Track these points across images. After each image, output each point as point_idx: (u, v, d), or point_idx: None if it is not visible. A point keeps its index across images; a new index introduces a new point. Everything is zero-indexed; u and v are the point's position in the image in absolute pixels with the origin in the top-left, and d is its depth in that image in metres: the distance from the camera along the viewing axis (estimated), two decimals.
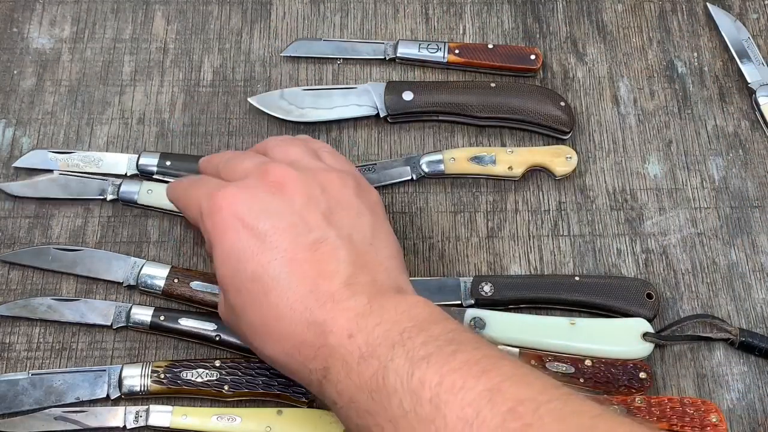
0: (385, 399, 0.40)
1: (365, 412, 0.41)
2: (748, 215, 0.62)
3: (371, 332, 0.42)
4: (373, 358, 0.41)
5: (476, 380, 0.38)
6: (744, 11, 0.70)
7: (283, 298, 0.44)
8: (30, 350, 0.56)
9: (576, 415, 0.38)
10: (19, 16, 0.68)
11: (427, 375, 0.39)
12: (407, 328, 0.41)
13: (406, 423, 0.39)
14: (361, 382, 0.41)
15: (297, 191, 0.47)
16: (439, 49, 0.66)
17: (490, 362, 0.40)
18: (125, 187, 0.59)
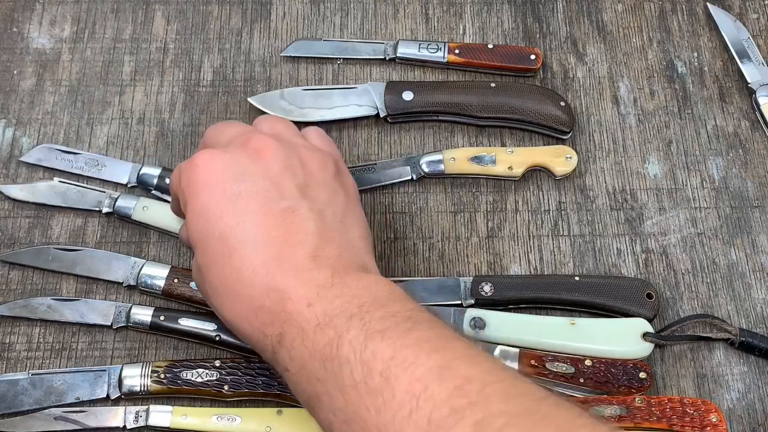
0: (337, 368, 0.40)
1: (315, 379, 0.41)
2: (748, 215, 0.62)
3: (330, 303, 0.42)
4: (330, 328, 0.41)
5: (427, 357, 0.39)
6: (744, 11, 0.70)
7: (246, 261, 0.45)
8: (30, 350, 0.56)
9: (521, 397, 0.38)
10: (19, 16, 0.68)
11: (380, 348, 0.39)
12: (366, 302, 0.42)
13: (355, 393, 0.39)
14: (315, 350, 0.41)
15: (275, 159, 0.48)
16: (439, 49, 0.66)
17: (443, 342, 0.40)
18: (121, 201, 0.59)
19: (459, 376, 0.38)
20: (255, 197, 0.46)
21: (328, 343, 0.41)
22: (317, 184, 0.49)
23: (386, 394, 0.38)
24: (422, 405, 0.37)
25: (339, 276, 0.44)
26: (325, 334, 0.41)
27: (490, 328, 0.55)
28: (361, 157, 0.63)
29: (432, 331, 0.41)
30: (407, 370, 0.38)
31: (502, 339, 0.55)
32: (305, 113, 0.63)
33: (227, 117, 0.65)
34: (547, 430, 0.36)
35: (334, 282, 0.43)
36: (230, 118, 0.65)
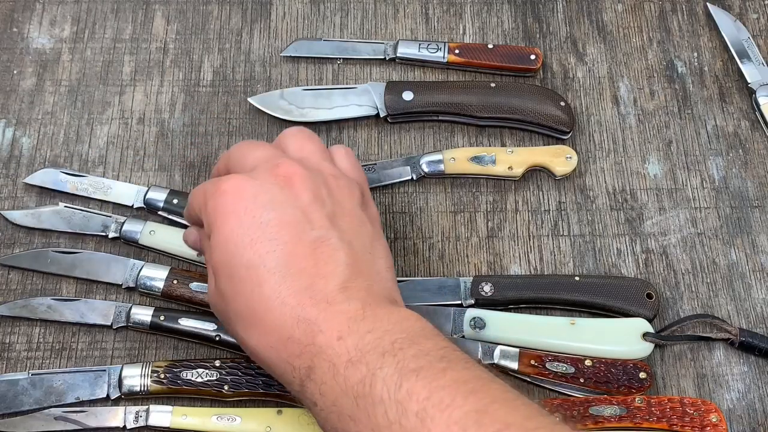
0: (370, 407, 0.39)
1: (348, 417, 0.40)
2: (748, 215, 0.62)
3: (362, 338, 0.41)
4: (362, 364, 0.40)
5: (464, 399, 0.38)
6: (744, 11, 0.70)
7: (276, 290, 0.44)
8: (30, 350, 0.56)
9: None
10: (19, 16, 0.68)
11: (416, 388, 0.38)
12: (399, 339, 0.41)
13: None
14: (347, 387, 0.40)
15: (304, 188, 0.47)
16: (439, 49, 0.66)
17: (479, 383, 0.39)
18: (128, 226, 0.58)
19: (498, 421, 0.37)
20: (285, 226, 0.45)
21: (361, 381, 0.40)
22: (345, 215, 0.48)
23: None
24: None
25: (370, 309, 0.43)
26: (357, 370, 0.40)
27: (490, 328, 0.55)
28: (361, 157, 0.63)
29: (468, 371, 0.40)
30: (444, 412, 0.37)
31: (502, 339, 0.55)
32: (305, 113, 0.63)
33: (227, 117, 0.65)
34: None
35: (365, 315, 0.43)
36: (230, 119, 0.65)
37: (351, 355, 0.41)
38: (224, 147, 0.63)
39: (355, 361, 0.41)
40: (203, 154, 0.63)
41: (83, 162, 0.62)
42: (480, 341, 0.55)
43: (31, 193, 0.61)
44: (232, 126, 0.64)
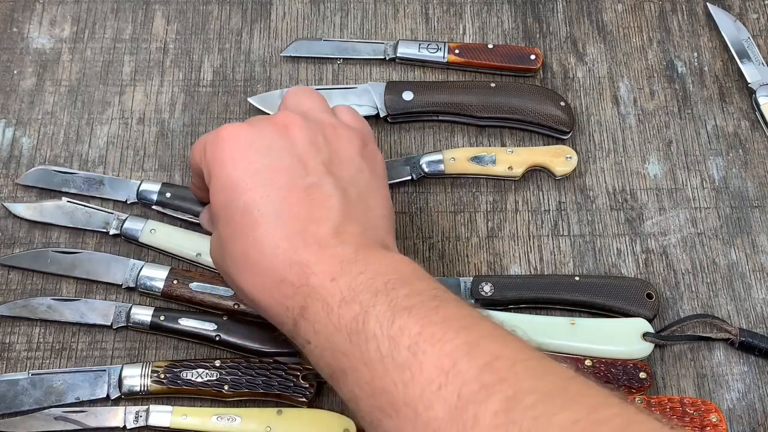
0: (363, 342, 0.40)
1: (341, 353, 0.41)
2: (748, 215, 0.62)
3: (355, 279, 0.42)
4: (355, 303, 0.41)
5: (455, 334, 0.39)
6: (744, 11, 0.70)
7: (270, 234, 0.45)
8: (30, 350, 0.56)
9: (550, 375, 0.38)
10: (19, 16, 0.68)
11: (408, 324, 0.39)
12: (391, 279, 0.42)
13: (382, 367, 0.39)
14: (341, 324, 0.41)
15: (301, 135, 0.48)
16: (439, 49, 0.66)
17: (470, 320, 0.40)
18: (129, 224, 0.59)
19: (488, 353, 0.38)
20: (280, 172, 0.47)
21: (354, 318, 0.41)
22: (341, 161, 0.49)
23: (414, 368, 0.38)
24: (451, 380, 0.37)
25: (362, 252, 0.44)
26: (350, 308, 0.41)
27: None
28: None
29: (459, 310, 0.41)
30: (435, 346, 0.38)
31: None
32: None
33: (227, 117, 0.65)
34: (578, 409, 0.36)
35: (357, 258, 0.44)
36: (230, 119, 0.65)
37: (344, 295, 0.42)
38: None
39: (348, 300, 0.41)
40: None
41: (83, 162, 0.62)
42: None
43: (31, 193, 0.61)
44: None
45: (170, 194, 0.60)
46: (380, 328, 0.40)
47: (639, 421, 0.35)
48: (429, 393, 0.37)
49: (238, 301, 0.55)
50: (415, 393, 0.38)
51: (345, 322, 0.41)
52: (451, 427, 0.36)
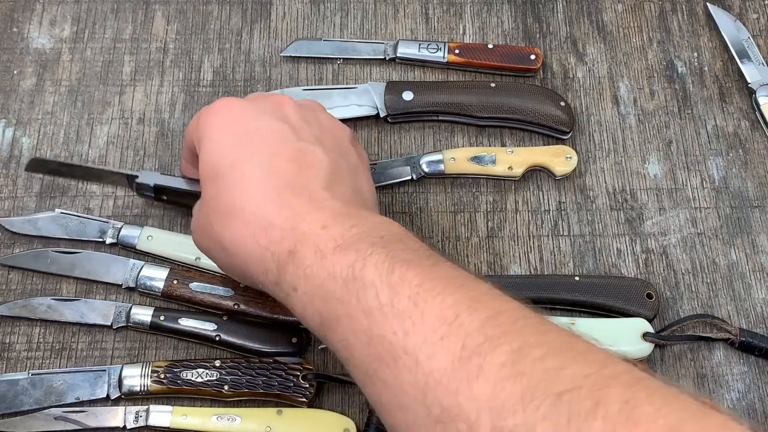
0: (360, 289, 0.39)
1: (335, 300, 0.40)
2: (748, 215, 0.62)
3: (348, 230, 0.42)
4: (351, 250, 0.41)
5: (455, 290, 0.38)
6: (744, 11, 0.70)
7: (259, 184, 0.45)
8: (30, 350, 0.56)
9: (554, 333, 0.38)
10: (19, 16, 0.68)
11: (408, 275, 0.39)
12: (385, 236, 0.42)
13: (381, 315, 0.38)
14: (335, 271, 0.40)
15: (294, 111, 0.49)
16: (439, 49, 0.66)
17: (468, 280, 0.40)
18: (125, 231, 0.58)
19: (490, 308, 0.37)
20: (272, 133, 0.47)
21: (350, 265, 0.40)
22: (332, 140, 0.49)
23: (415, 317, 0.37)
24: (455, 331, 0.36)
25: (354, 209, 0.44)
26: (346, 255, 0.40)
27: None
28: None
29: (455, 270, 0.41)
30: (436, 298, 0.38)
31: None
32: None
33: None
34: (587, 364, 0.35)
35: (349, 213, 0.43)
36: None
37: (338, 242, 0.41)
38: None
39: (343, 247, 0.41)
40: None
41: (83, 162, 0.62)
42: None
43: (31, 193, 0.61)
44: None
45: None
46: (379, 276, 0.39)
47: (645, 378, 0.35)
48: (431, 342, 0.37)
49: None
50: (417, 342, 0.37)
51: (339, 269, 0.40)
52: (454, 377, 0.35)
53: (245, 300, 0.56)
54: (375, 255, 0.40)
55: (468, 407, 0.35)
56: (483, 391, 0.34)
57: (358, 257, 0.40)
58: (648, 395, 0.33)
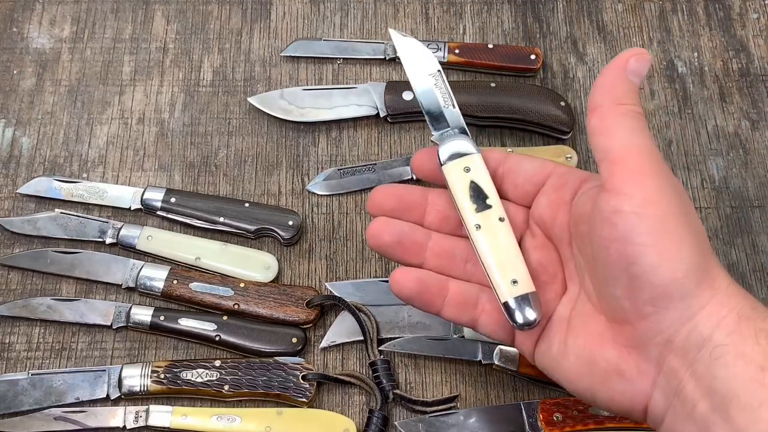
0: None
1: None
2: (749, 215, 0.62)
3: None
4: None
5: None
6: (744, 11, 0.70)
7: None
8: (30, 350, 0.56)
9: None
10: (19, 15, 0.68)
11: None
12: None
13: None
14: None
15: None
16: (439, 49, 0.66)
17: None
18: (125, 231, 0.58)
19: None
20: None
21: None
22: None
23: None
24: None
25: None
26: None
27: None
28: (361, 157, 0.63)
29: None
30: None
31: None
32: (305, 113, 0.63)
33: (227, 117, 0.65)
34: None
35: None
36: (230, 119, 0.65)
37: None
38: (224, 147, 0.63)
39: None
40: (203, 154, 0.63)
41: (83, 162, 0.62)
42: (480, 341, 0.55)
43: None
44: (232, 126, 0.64)
45: (175, 200, 0.59)
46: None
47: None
48: None
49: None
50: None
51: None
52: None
53: (245, 300, 0.56)
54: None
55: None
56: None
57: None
58: None
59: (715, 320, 0.36)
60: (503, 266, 0.42)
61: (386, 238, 0.45)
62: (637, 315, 0.38)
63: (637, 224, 0.37)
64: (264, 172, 0.62)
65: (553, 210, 0.44)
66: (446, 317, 0.45)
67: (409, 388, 0.55)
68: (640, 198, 0.37)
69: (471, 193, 0.44)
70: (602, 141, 0.40)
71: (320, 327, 0.57)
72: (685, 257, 0.37)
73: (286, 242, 0.59)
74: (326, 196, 0.62)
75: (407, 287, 0.44)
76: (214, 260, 0.58)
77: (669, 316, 0.37)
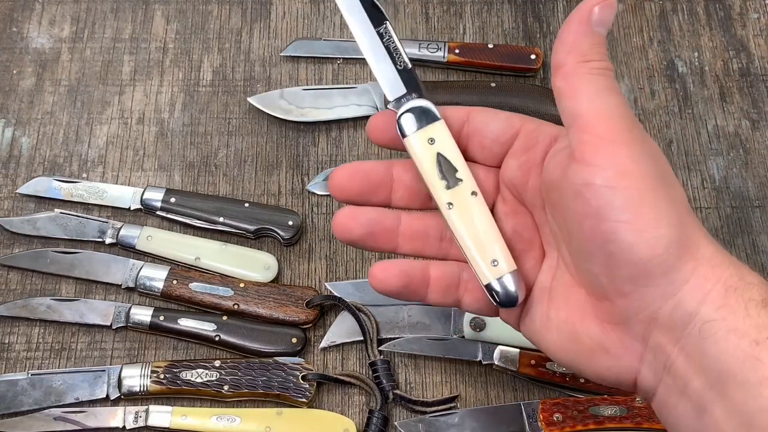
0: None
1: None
2: (749, 215, 0.62)
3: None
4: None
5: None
6: (744, 11, 0.70)
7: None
8: (29, 350, 0.56)
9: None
10: (19, 15, 0.68)
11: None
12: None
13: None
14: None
15: None
16: (439, 49, 0.66)
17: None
18: (125, 231, 0.58)
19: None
20: None
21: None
22: None
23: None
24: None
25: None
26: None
27: (490, 328, 0.55)
28: (360, 157, 0.63)
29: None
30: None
31: (502, 339, 0.55)
32: (305, 113, 0.63)
33: (227, 117, 0.64)
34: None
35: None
36: (230, 118, 0.64)
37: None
38: (224, 146, 0.63)
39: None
40: (203, 154, 0.63)
41: (83, 162, 0.62)
42: (480, 342, 0.55)
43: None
44: (232, 126, 0.64)
45: (175, 200, 0.59)
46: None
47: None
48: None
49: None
50: None
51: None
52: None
53: (245, 300, 0.56)
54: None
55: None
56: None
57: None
58: None
59: (701, 294, 0.34)
60: (481, 247, 0.40)
61: (356, 231, 0.42)
62: (616, 293, 0.36)
63: (611, 199, 0.34)
64: (264, 172, 0.62)
65: (524, 173, 0.41)
66: (430, 303, 0.43)
67: (409, 388, 0.55)
68: (612, 170, 0.35)
69: (439, 167, 0.40)
70: (569, 104, 0.36)
71: (320, 327, 0.57)
72: (664, 232, 0.34)
73: (286, 242, 0.59)
74: (326, 196, 0.62)
75: (391, 283, 0.42)
76: (213, 260, 0.58)
77: (650, 293, 0.35)
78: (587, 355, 0.38)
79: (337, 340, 0.56)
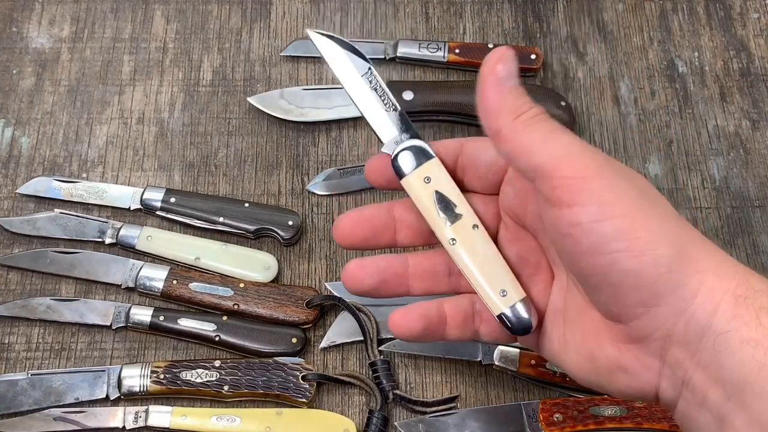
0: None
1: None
2: (749, 215, 0.62)
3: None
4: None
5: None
6: (744, 11, 0.70)
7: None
8: (29, 350, 0.56)
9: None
10: (19, 15, 0.68)
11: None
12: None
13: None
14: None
15: None
16: (439, 49, 0.66)
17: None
18: (125, 231, 0.58)
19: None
20: None
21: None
22: None
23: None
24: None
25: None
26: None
27: None
28: (360, 157, 0.63)
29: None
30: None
31: None
32: (305, 113, 0.63)
33: (227, 117, 0.64)
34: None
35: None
36: (230, 118, 0.64)
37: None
38: (224, 146, 0.63)
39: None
40: (203, 154, 0.63)
41: (82, 162, 0.62)
42: (480, 342, 0.55)
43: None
44: (232, 126, 0.64)
45: (175, 200, 0.59)
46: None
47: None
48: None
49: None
50: None
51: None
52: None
53: (245, 300, 0.56)
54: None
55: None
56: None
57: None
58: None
59: (711, 306, 0.34)
60: (489, 279, 0.41)
61: (367, 282, 0.43)
62: (628, 317, 0.36)
63: (602, 232, 0.34)
64: (264, 172, 0.62)
65: (521, 200, 0.41)
66: (451, 339, 0.43)
67: (409, 389, 0.55)
68: (594, 204, 0.34)
69: (438, 205, 0.41)
70: (524, 162, 0.36)
71: (320, 327, 0.57)
72: (663, 251, 0.34)
73: (285, 242, 0.59)
74: (326, 196, 0.62)
75: (414, 329, 0.42)
76: (213, 260, 0.58)
77: (662, 312, 0.35)
78: (606, 375, 0.38)
79: (337, 340, 0.56)
